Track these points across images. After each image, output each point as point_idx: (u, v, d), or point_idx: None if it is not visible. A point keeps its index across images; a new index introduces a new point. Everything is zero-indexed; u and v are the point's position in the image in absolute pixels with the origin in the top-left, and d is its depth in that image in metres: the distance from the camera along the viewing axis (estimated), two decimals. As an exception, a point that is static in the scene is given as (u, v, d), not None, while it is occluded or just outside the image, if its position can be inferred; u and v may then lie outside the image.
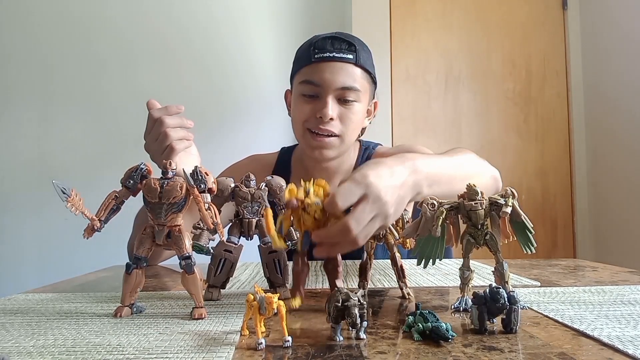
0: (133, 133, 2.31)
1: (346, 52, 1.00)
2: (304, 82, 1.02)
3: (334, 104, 1.00)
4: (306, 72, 1.02)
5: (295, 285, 0.56)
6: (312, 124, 1.02)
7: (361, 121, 1.07)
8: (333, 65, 1.00)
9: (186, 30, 2.39)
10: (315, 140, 1.02)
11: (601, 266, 0.90)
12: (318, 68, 1.00)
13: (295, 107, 1.07)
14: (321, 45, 1.01)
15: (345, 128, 1.02)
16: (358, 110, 1.04)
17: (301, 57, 1.06)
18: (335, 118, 1.00)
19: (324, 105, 0.99)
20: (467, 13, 2.39)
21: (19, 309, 0.58)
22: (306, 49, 1.04)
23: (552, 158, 2.38)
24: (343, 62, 1.00)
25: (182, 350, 0.41)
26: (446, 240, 0.56)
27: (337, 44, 1.01)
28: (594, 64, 2.31)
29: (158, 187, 0.53)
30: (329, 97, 1.00)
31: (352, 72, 1.01)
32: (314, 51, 1.01)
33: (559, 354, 0.38)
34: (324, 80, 0.99)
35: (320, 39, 1.03)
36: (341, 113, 1.01)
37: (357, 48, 1.01)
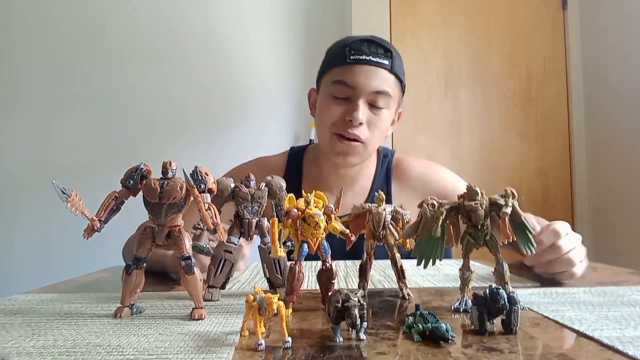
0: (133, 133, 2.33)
1: (382, 57, 0.98)
2: (337, 83, 1.00)
3: (365, 108, 0.98)
4: (339, 73, 1.00)
5: (289, 294, 0.56)
6: (340, 127, 0.99)
7: (387, 129, 1.05)
8: (369, 68, 0.98)
9: (189, 30, 2.39)
10: (342, 143, 1.00)
11: (601, 267, 0.90)
12: (353, 70, 0.98)
13: (322, 108, 1.04)
14: (357, 47, 0.99)
15: (371, 135, 1.00)
16: (386, 118, 1.02)
17: (334, 56, 1.03)
18: (364, 123, 0.98)
19: (355, 108, 0.97)
20: (467, 13, 2.39)
21: (19, 310, 0.58)
22: (341, 49, 1.01)
23: (552, 158, 2.38)
24: (379, 67, 0.98)
25: (182, 351, 0.41)
26: (446, 241, 0.56)
27: (374, 47, 0.99)
28: (593, 64, 2.31)
29: (158, 187, 0.53)
30: (361, 100, 0.98)
31: (386, 77, 0.99)
32: (349, 52, 0.98)
33: (559, 355, 0.38)
34: (358, 83, 0.97)
35: (357, 41, 1.00)
36: (370, 118, 0.99)
37: (393, 54, 1.00)
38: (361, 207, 0.63)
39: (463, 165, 2.32)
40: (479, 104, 2.38)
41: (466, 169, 2.30)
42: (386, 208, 0.62)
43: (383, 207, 0.62)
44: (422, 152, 2.30)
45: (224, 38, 2.41)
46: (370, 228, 0.62)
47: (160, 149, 2.29)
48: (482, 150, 2.37)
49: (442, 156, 2.32)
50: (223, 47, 2.40)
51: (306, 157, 1.17)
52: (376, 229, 0.62)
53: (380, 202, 0.63)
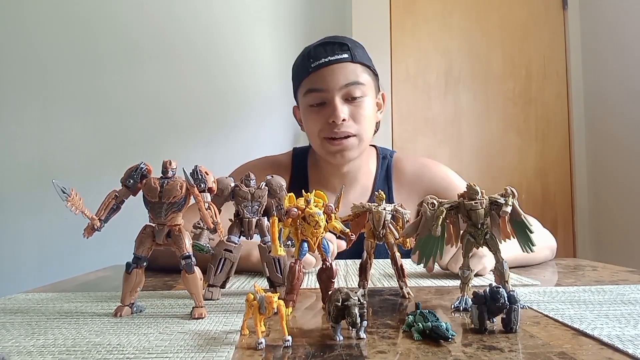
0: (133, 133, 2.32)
1: (340, 52, 1.00)
2: (308, 92, 1.03)
3: (343, 105, 1.00)
4: (307, 83, 1.03)
5: (289, 293, 0.56)
6: (327, 131, 1.01)
7: (374, 115, 1.07)
8: (331, 68, 1.00)
9: (188, 30, 2.39)
10: (334, 145, 1.02)
11: (601, 266, 0.90)
12: (318, 75, 1.01)
13: (306, 121, 1.07)
14: (315, 54, 1.01)
15: (360, 126, 1.02)
16: (368, 105, 1.03)
17: (299, 71, 1.06)
18: (347, 118, 1.00)
19: (334, 109, 0.99)
20: (467, 13, 2.39)
21: (19, 309, 0.58)
22: (301, 61, 1.05)
23: (552, 158, 2.38)
24: (340, 63, 1.00)
25: (182, 350, 0.41)
26: (446, 240, 0.56)
27: (330, 47, 1.01)
28: (593, 64, 2.31)
29: (158, 186, 0.53)
30: (336, 99, 0.99)
31: (351, 69, 1.01)
32: (309, 61, 1.01)
33: (559, 354, 0.38)
34: (327, 85, 0.99)
35: (313, 48, 1.03)
36: (352, 112, 1.01)
37: (350, 46, 1.02)
38: (361, 206, 0.63)
39: (463, 165, 2.32)
40: (479, 104, 2.38)
41: (466, 169, 2.30)
42: (386, 207, 0.62)
43: (383, 206, 0.62)
44: (422, 153, 2.30)
45: (224, 38, 2.41)
46: (371, 227, 0.62)
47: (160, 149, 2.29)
48: (482, 150, 2.37)
49: (442, 156, 2.32)
50: (223, 48, 2.40)
51: (310, 159, 1.18)
52: (376, 228, 0.62)
53: (380, 201, 0.63)
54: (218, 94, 2.39)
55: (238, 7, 2.42)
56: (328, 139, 1.02)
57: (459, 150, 2.36)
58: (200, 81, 2.38)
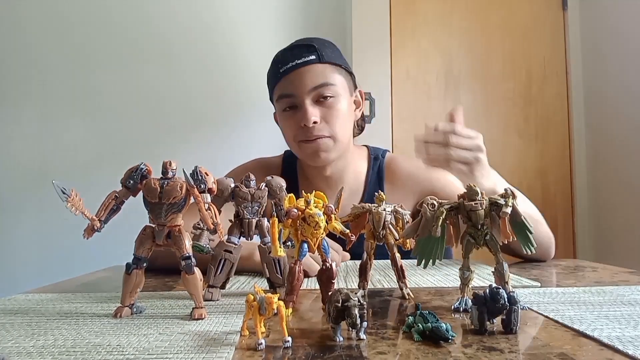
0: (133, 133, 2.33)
1: (307, 54, 1.00)
2: (279, 98, 1.03)
3: (313, 108, 0.99)
4: (278, 89, 1.03)
5: (289, 294, 0.56)
6: (301, 135, 1.01)
7: (349, 115, 1.05)
8: (299, 71, 1.00)
9: (187, 30, 2.39)
10: (309, 146, 1.01)
11: (601, 266, 0.90)
12: (287, 80, 1.01)
13: (282, 126, 1.07)
14: (282, 59, 1.02)
15: (332, 127, 1.01)
16: (341, 106, 1.02)
17: (270, 77, 1.07)
18: (319, 120, 0.99)
19: (304, 113, 0.99)
20: (467, 13, 2.39)
21: (19, 309, 0.58)
22: (272, 68, 1.05)
23: (552, 158, 2.38)
24: (307, 65, 1.00)
25: (182, 351, 0.41)
26: (446, 241, 0.56)
27: (297, 50, 1.01)
28: (593, 65, 2.31)
29: (158, 187, 0.53)
30: (306, 102, 0.99)
31: (319, 70, 1.00)
32: (277, 67, 1.02)
33: (559, 355, 0.38)
34: (295, 88, 1.00)
35: (281, 53, 1.04)
36: (324, 113, 1.00)
37: (316, 47, 1.01)
38: (361, 207, 0.63)
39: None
40: (479, 104, 2.38)
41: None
42: (386, 208, 0.62)
43: (383, 207, 0.62)
44: (422, 152, 2.30)
45: (223, 38, 2.41)
46: (370, 228, 0.62)
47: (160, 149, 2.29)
48: (482, 151, 2.36)
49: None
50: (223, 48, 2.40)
51: (298, 163, 1.18)
52: (376, 229, 0.62)
53: (380, 202, 0.63)
54: (218, 94, 2.39)
55: (237, 8, 2.42)
56: (303, 142, 1.02)
57: (459, 151, 2.36)
58: (199, 81, 2.38)
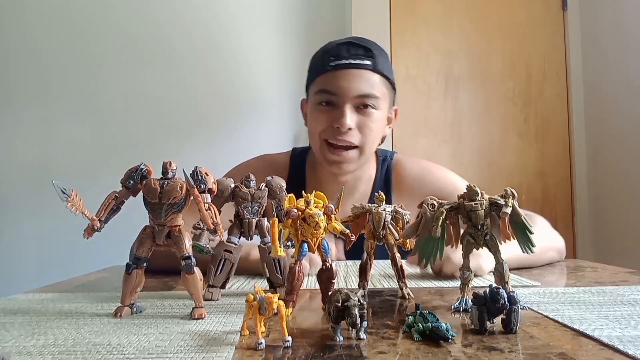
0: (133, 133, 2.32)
1: (363, 58, 0.96)
2: (320, 92, 0.98)
3: (352, 113, 0.96)
4: (322, 81, 0.98)
5: (289, 294, 0.56)
6: (329, 134, 0.97)
7: (381, 130, 1.03)
8: (349, 72, 0.95)
9: (187, 30, 2.39)
10: (334, 154, 0.98)
11: (601, 266, 0.90)
12: (334, 76, 0.96)
13: (311, 118, 1.02)
14: (336, 52, 0.96)
15: (364, 138, 0.98)
16: (378, 118, 0.99)
17: (316, 65, 1.01)
18: (353, 127, 0.96)
19: (342, 115, 0.95)
20: (467, 13, 2.39)
21: (20, 309, 0.58)
22: (320, 57, 0.99)
23: (552, 158, 2.38)
24: (360, 69, 0.95)
25: (182, 350, 0.41)
26: (446, 241, 0.56)
27: (354, 49, 0.96)
28: (593, 64, 2.31)
29: (158, 187, 0.53)
30: (347, 105, 0.95)
31: (370, 78, 0.96)
32: (329, 59, 0.96)
33: (559, 354, 0.38)
34: (341, 88, 0.95)
35: (335, 46, 0.98)
36: (360, 122, 0.97)
37: (374, 53, 0.97)
38: (361, 207, 0.63)
39: (463, 166, 2.32)
40: (479, 104, 2.38)
41: (466, 169, 2.30)
42: (386, 208, 0.62)
43: (383, 207, 0.62)
44: (422, 153, 2.30)
45: (224, 39, 2.41)
46: (371, 228, 0.62)
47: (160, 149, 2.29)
48: (482, 151, 2.37)
49: (442, 156, 2.32)
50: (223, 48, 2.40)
51: (308, 160, 1.15)
52: (376, 229, 0.62)
53: (380, 202, 0.63)
54: (218, 94, 2.39)
55: (238, 8, 2.42)
56: (328, 144, 0.98)
57: (459, 151, 2.37)
58: (200, 82, 2.38)
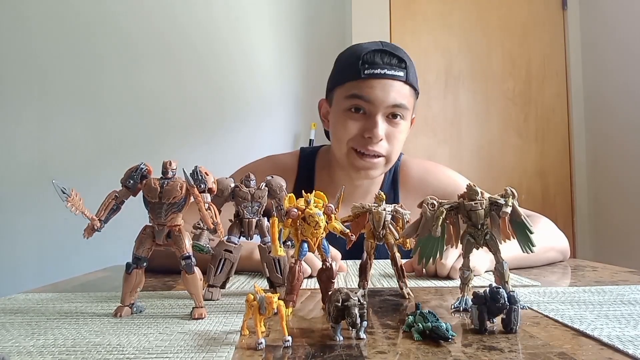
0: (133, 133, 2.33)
1: (397, 68, 0.95)
2: (352, 97, 0.96)
3: (383, 123, 0.96)
4: (354, 87, 0.96)
5: (289, 294, 0.56)
6: (359, 143, 0.97)
7: (405, 139, 1.04)
8: (384, 82, 0.94)
9: (186, 31, 2.39)
10: (363, 160, 0.98)
11: (601, 266, 0.90)
12: (368, 84, 0.95)
13: (338, 123, 1.00)
14: (371, 60, 0.95)
15: (391, 148, 0.98)
16: (404, 129, 1.00)
17: (348, 69, 0.99)
18: (383, 138, 0.96)
19: (374, 125, 0.94)
20: (467, 13, 2.39)
21: (19, 309, 0.58)
22: (354, 62, 0.97)
23: (552, 158, 2.38)
24: (394, 80, 0.95)
25: (182, 350, 0.41)
26: (446, 240, 0.56)
27: (387, 58, 0.95)
28: (593, 64, 2.31)
29: (158, 187, 0.53)
30: (379, 115, 0.95)
31: (402, 90, 0.96)
32: (363, 65, 0.95)
33: (559, 354, 0.38)
34: (376, 98, 0.94)
35: (370, 52, 0.96)
36: (388, 132, 0.97)
37: (407, 64, 0.97)
38: (361, 207, 0.63)
39: (463, 165, 2.32)
40: (479, 104, 2.38)
41: (466, 169, 2.30)
42: (386, 208, 0.62)
43: (383, 206, 0.62)
44: (422, 153, 2.30)
45: (223, 38, 2.41)
46: (371, 227, 0.62)
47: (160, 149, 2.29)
48: (482, 150, 2.37)
49: (442, 156, 2.32)
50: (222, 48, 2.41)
51: (318, 162, 1.14)
52: (376, 229, 0.62)
53: (380, 202, 0.63)
54: (218, 94, 2.39)
55: (237, 7, 2.42)
56: (356, 152, 0.98)
57: (459, 150, 2.36)
58: (199, 81, 2.38)
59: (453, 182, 1.08)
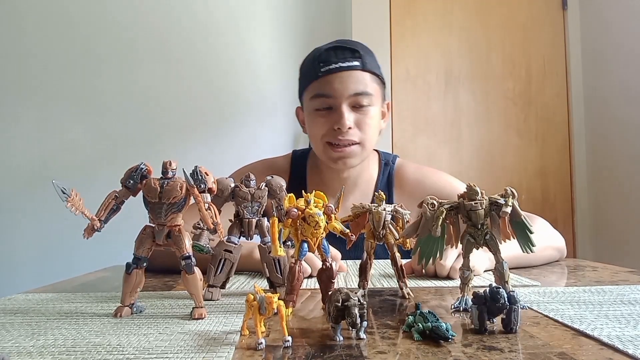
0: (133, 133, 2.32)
1: (351, 59, 1.00)
2: (316, 97, 1.02)
3: (349, 113, 1.00)
4: (316, 87, 1.02)
5: (289, 294, 0.56)
6: (331, 136, 1.01)
7: (378, 124, 1.07)
8: (341, 75, 0.99)
9: (186, 30, 2.39)
10: (337, 151, 1.02)
11: (601, 266, 0.90)
12: (327, 81, 1.00)
13: (310, 124, 1.06)
14: (326, 58, 1.00)
15: (364, 134, 1.02)
16: (374, 114, 1.03)
17: (307, 73, 1.05)
18: (352, 126, 1.00)
19: (340, 116, 0.99)
20: (467, 13, 2.39)
21: (19, 309, 0.58)
22: (311, 64, 1.03)
23: (552, 158, 2.38)
24: (350, 70, 0.99)
25: (182, 350, 0.41)
26: (446, 240, 0.56)
27: (341, 53, 1.00)
28: (593, 65, 2.31)
29: (158, 187, 0.53)
30: (343, 106, 0.99)
31: (361, 77, 1.00)
32: (319, 65, 1.00)
33: (559, 354, 0.38)
34: (335, 91, 0.99)
35: (324, 52, 1.02)
36: (357, 120, 1.01)
37: (361, 54, 1.01)
38: (361, 207, 0.63)
39: (463, 165, 2.32)
40: (479, 104, 2.38)
41: (466, 169, 2.30)
42: (386, 208, 0.62)
43: (383, 206, 0.62)
44: (422, 153, 2.30)
45: (223, 39, 2.41)
46: (370, 228, 0.62)
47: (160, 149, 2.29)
48: (482, 150, 2.37)
49: (442, 156, 2.32)
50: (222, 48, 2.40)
51: (309, 162, 1.18)
52: (376, 229, 0.62)
53: (380, 202, 0.63)
54: (217, 94, 2.39)
55: (236, 7, 2.42)
56: (331, 145, 1.02)
57: (459, 150, 2.36)
58: (199, 82, 2.38)
59: (449, 185, 1.10)
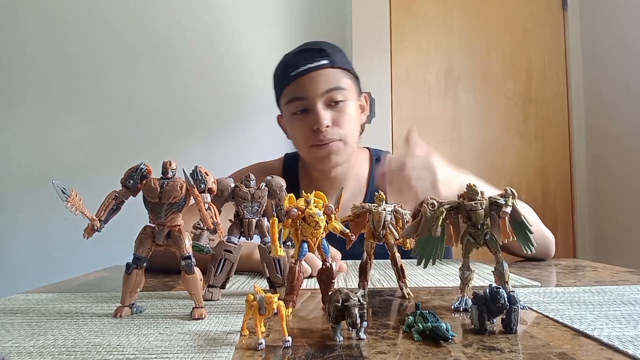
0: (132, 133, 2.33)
1: (319, 59, 1.01)
2: (290, 101, 1.04)
3: (325, 111, 1.01)
4: (289, 92, 1.03)
5: (289, 294, 0.56)
6: (312, 138, 1.02)
7: (357, 118, 1.08)
8: (311, 75, 1.01)
9: (185, 31, 2.39)
10: (320, 150, 1.03)
11: (601, 266, 0.90)
12: (298, 84, 1.01)
13: (291, 129, 1.08)
14: (294, 62, 1.02)
15: (343, 130, 1.03)
16: (351, 109, 1.04)
17: (279, 80, 1.07)
18: (331, 124, 1.01)
19: (317, 116, 1.00)
20: (467, 13, 2.39)
21: (19, 309, 0.58)
22: (282, 70, 1.05)
23: (552, 158, 2.38)
24: (319, 69, 1.01)
25: (182, 350, 0.41)
26: (446, 240, 0.56)
27: (309, 54, 1.02)
28: (593, 64, 2.31)
29: (158, 187, 0.53)
30: (318, 105, 1.00)
31: (331, 74, 1.02)
32: (289, 70, 1.02)
33: (559, 354, 0.38)
34: (307, 92, 1.00)
35: (292, 57, 1.04)
36: (335, 117, 1.02)
37: (328, 52, 1.03)
38: (361, 207, 0.63)
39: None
40: (479, 104, 2.38)
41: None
42: (386, 208, 0.62)
43: (383, 206, 0.62)
44: (422, 152, 2.30)
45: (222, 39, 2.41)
46: (370, 228, 0.62)
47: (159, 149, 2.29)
48: (482, 150, 2.37)
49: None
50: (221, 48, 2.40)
51: (300, 164, 1.19)
52: (376, 229, 0.62)
53: (380, 202, 0.63)
54: (217, 94, 2.39)
55: (236, 7, 2.42)
56: (314, 146, 1.03)
57: (459, 150, 2.36)
58: (199, 81, 2.38)
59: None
